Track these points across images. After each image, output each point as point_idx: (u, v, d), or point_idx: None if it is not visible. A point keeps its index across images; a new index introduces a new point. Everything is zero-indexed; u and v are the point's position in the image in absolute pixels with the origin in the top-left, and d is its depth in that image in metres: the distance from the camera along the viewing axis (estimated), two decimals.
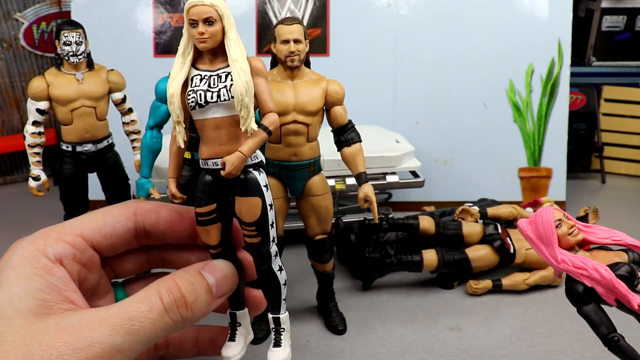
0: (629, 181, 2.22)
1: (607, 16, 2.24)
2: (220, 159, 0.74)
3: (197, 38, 0.72)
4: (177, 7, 1.89)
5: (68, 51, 1.28)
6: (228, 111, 0.74)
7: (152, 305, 0.65)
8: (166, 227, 0.79)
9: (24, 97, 2.13)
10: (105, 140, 1.37)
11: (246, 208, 0.76)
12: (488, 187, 1.90)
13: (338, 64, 1.89)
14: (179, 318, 0.67)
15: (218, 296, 0.73)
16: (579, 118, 2.25)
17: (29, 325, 0.61)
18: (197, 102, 0.73)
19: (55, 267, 0.67)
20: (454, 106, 1.91)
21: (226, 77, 0.74)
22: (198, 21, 0.72)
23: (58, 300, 0.64)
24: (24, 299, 0.62)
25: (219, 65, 0.75)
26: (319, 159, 1.15)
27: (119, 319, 0.62)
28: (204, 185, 0.76)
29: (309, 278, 1.31)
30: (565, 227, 0.80)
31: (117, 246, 0.76)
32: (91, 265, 0.73)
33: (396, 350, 1.15)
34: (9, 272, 0.65)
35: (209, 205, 0.76)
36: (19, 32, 2.11)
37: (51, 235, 0.70)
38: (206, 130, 0.75)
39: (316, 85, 1.09)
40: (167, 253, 0.84)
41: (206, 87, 0.73)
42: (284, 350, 0.81)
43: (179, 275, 0.70)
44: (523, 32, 1.90)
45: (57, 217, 1.42)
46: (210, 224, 0.76)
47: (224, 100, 0.73)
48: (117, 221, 0.75)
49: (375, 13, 1.91)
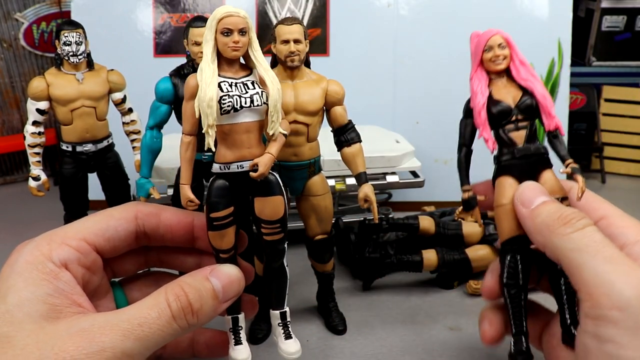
0: (629, 181, 2.22)
1: (607, 16, 2.24)
2: (246, 162, 0.78)
3: (230, 46, 0.76)
4: (177, 7, 1.89)
5: (68, 51, 1.28)
6: (257, 116, 0.78)
7: (160, 312, 0.66)
8: (166, 231, 0.80)
9: (24, 97, 2.13)
10: (105, 140, 1.37)
11: (271, 207, 0.80)
12: None
13: (338, 64, 1.89)
14: (185, 324, 0.68)
15: (224, 301, 0.74)
16: (579, 118, 2.25)
17: (41, 330, 0.62)
18: (233, 106, 0.76)
19: (61, 272, 0.68)
20: (454, 106, 1.89)
21: (253, 85, 0.79)
22: (233, 30, 0.76)
23: (66, 304, 0.66)
24: (34, 303, 0.63)
25: (241, 73, 0.80)
26: (319, 159, 1.15)
27: (130, 325, 0.64)
28: (220, 190, 0.78)
29: (309, 278, 1.31)
30: (491, 54, 0.90)
31: (118, 248, 0.77)
32: (94, 268, 0.74)
33: (396, 350, 1.15)
34: (16, 278, 0.66)
35: (227, 209, 0.78)
36: (19, 32, 2.11)
37: (55, 239, 0.71)
38: (234, 134, 0.78)
39: (316, 85, 1.09)
40: (164, 254, 0.85)
41: (238, 92, 0.77)
42: (295, 341, 0.85)
43: (186, 282, 0.71)
44: (523, 32, 1.90)
45: (57, 217, 1.42)
46: (226, 227, 0.78)
47: (257, 105, 0.77)
48: (119, 224, 0.77)
49: (375, 13, 1.91)
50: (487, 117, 0.89)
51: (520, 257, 0.83)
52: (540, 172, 0.87)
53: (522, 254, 0.83)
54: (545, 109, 0.89)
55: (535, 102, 0.89)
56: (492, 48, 0.90)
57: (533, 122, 0.90)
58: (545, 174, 0.87)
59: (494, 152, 0.91)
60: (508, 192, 0.86)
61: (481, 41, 0.91)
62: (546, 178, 0.86)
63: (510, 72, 0.92)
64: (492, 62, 0.91)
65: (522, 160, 0.87)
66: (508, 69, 0.92)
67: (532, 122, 0.90)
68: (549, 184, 0.85)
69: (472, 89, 0.91)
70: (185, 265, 0.86)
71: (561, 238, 0.71)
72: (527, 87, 0.90)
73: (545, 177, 0.87)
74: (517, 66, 0.92)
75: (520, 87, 0.91)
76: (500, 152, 0.90)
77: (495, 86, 0.92)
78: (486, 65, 0.91)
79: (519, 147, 0.88)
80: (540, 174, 0.87)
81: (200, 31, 1.14)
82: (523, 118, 0.89)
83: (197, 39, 1.14)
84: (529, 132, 0.89)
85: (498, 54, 0.90)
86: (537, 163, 0.88)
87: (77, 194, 1.38)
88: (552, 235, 0.73)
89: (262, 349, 1.15)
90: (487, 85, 0.91)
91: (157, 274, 0.89)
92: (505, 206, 0.85)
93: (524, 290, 0.83)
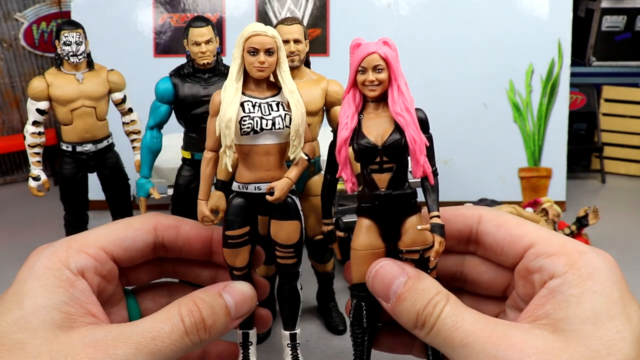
0: (629, 181, 2.22)
1: (607, 16, 2.24)
2: (264, 184, 0.77)
3: (255, 66, 0.74)
4: (177, 7, 1.89)
5: (68, 51, 1.28)
6: (278, 139, 0.77)
7: (173, 327, 0.66)
8: (184, 244, 0.80)
9: (24, 97, 2.14)
10: (105, 140, 1.37)
11: (286, 231, 0.79)
12: (488, 187, 1.90)
13: (338, 64, 1.89)
14: (197, 340, 0.68)
15: (236, 318, 0.75)
16: (579, 118, 2.25)
17: (55, 338, 0.62)
18: (253, 128, 0.74)
19: (77, 280, 0.68)
20: (454, 106, 1.91)
21: (277, 106, 0.76)
22: (260, 50, 0.73)
23: (81, 313, 0.66)
24: (49, 311, 0.63)
25: (267, 93, 0.77)
26: (319, 159, 1.15)
27: (143, 338, 0.64)
28: (237, 208, 0.78)
29: (309, 278, 1.31)
30: (364, 77, 0.74)
31: (135, 259, 0.78)
32: (110, 277, 0.74)
33: None
34: (33, 283, 0.66)
35: (243, 228, 0.78)
36: (19, 32, 2.11)
37: (73, 246, 0.71)
38: (254, 156, 0.77)
39: (316, 85, 1.09)
40: (180, 266, 0.86)
41: (260, 114, 0.75)
42: None
43: (199, 297, 0.71)
44: (523, 32, 1.90)
45: (57, 217, 1.42)
46: (241, 246, 0.78)
47: (279, 128, 0.76)
48: (137, 235, 0.77)
49: (375, 13, 1.91)
50: (347, 155, 0.77)
51: (365, 304, 0.79)
52: (403, 219, 0.78)
53: (367, 300, 0.79)
54: (413, 154, 0.76)
55: (404, 141, 0.75)
56: (366, 70, 0.74)
57: (402, 164, 0.78)
58: (408, 222, 0.77)
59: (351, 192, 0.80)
60: (362, 239, 0.78)
61: (356, 58, 0.75)
62: (408, 226, 0.77)
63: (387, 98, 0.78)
64: (364, 86, 0.76)
65: (381, 207, 0.77)
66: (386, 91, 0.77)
67: (399, 164, 0.77)
68: (410, 236, 0.76)
69: (339, 116, 0.77)
70: (200, 278, 0.86)
71: (426, 339, 0.68)
72: (399, 123, 0.76)
73: (407, 225, 0.77)
74: (394, 94, 0.76)
75: (393, 120, 0.77)
76: (362, 192, 0.79)
77: (367, 114, 0.78)
78: (360, 87, 0.76)
79: (380, 192, 0.77)
80: (403, 221, 0.78)
81: (200, 31, 1.14)
82: (389, 160, 0.77)
83: (197, 39, 1.14)
84: (394, 175, 0.77)
85: (372, 79, 0.74)
86: (399, 210, 0.78)
87: (77, 194, 1.38)
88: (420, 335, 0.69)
89: (263, 348, 1.15)
90: (355, 113, 0.77)
91: (171, 284, 0.89)
92: (358, 252, 0.78)
93: (366, 331, 0.81)
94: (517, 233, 0.74)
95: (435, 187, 0.78)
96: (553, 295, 0.65)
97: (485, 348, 0.62)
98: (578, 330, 0.61)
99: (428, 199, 0.78)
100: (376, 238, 0.78)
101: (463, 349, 0.64)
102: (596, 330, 0.60)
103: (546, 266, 0.68)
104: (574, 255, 0.67)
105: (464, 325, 0.65)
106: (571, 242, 0.70)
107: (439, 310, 0.67)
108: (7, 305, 0.64)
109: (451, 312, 0.67)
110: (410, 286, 0.71)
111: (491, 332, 0.63)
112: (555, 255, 0.68)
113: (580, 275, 0.65)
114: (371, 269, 0.76)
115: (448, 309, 0.67)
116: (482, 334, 0.64)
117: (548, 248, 0.69)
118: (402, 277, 0.72)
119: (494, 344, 0.62)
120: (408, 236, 0.77)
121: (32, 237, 1.65)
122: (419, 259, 0.77)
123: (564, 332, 0.62)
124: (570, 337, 0.61)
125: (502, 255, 0.76)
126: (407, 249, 0.77)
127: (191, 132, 1.20)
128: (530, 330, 0.63)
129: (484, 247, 0.79)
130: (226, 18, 1.91)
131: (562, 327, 0.62)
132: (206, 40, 1.14)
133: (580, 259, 0.66)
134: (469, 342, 0.64)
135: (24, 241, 1.63)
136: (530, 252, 0.72)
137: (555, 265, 0.67)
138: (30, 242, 1.61)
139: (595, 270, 0.65)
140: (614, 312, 0.61)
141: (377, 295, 0.75)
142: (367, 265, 0.77)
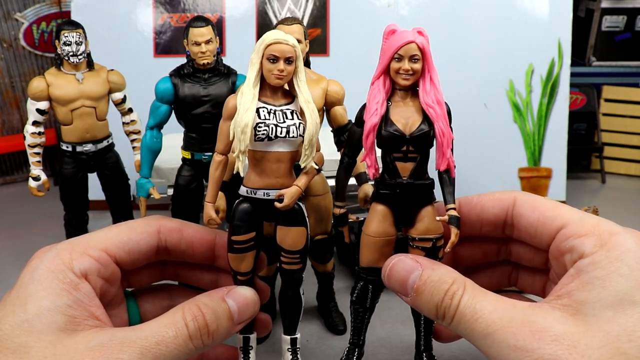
0: (629, 181, 2.22)
1: (607, 16, 2.24)
2: (273, 190, 0.77)
3: (274, 74, 0.74)
4: (177, 7, 1.89)
5: (68, 51, 1.28)
6: (291, 147, 0.77)
7: (178, 332, 0.67)
8: (187, 247, 0.80)
9: (24, 97, 2.13)
10: (105, 140, 1.37)
11: (292, 237, 0.79)
12: (488, 187, 1.90)
13: (338, 64, 1.89)
14: (201, 345, 0.69)
15: (239, 323, 0.75)
16: (579, 118, 2.25)
17: (59, 342, 0.62)
18: (267, 135, 0.75)
19: (81, 283, 0.68)
20: (453, 106, 1.90)
21: (292, 115, 0.77)
22: (280, 58, 0.74)
23: (84, 316, 0.66)
24: (53, 314, 0.63)
25: (281, 100, 0.78)
26: None
27: (147, 343, 0.64)
28: (244, 214, 0.78)
29: (309, 278, 1.31)
30: (400, 66, 0.75)
31: (138, 261, 0.78)
32: (113, 279, 0.74)
33: (396, 350, 1.15)
34: (37, 285, 0.65)
35: (249, 233, 0.78)
36: (19, 32, 2.11)
37: (77, 249, 0.71)
38: (265, 162, 0.77)
39: (316, 85, 1.09)
40: (182, 269, 0.86)
41: (275, 121, 0.75)
42: None
43: (203, 303, 0.72)
44: (523, 32, 1.90)
45: (57, 217, 1.42)
46: (246, 251, 0.78)
47: (292, 137, 0.76)
48: (141, 238, 0.77)
49: (375, 13, 1.91)
50: (374, 141, 0.78)
51: (372, 287, 0.81)
52: (418, 208, 0.79)
53: (374, 284, 0.81)
54: (440, 147, 0.78)
55: (432, 133, 0.78)
56: (402, 58, 0.75)
57: (425, 154, 0.79)
58: (423, 210, 0.79)
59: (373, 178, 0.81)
60: (376, 226, 0.79)
61: (392, 45, 0.75)
62: (423, 215, 0.79)
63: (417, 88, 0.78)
64: (398, 74, 0.76)
65: (401, 195, 0.78)
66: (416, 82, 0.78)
67: (423, 155, 0.79)
68: (424, 224, 0.78)
69: (368, 100, 0.78)
70: (202, 281, 0.86)
71: (450, 328, 0.70)
72: (429, 115, 0.78)
73: (423, 214, 0.79)
74: (426, 85, 0.77)
75: (422, 110, 0.78)
76: (382, 178, 0.80)
77: (395, 101, 0.79)
78: (392, 74, 0.77)
79: (402, 180, 0.78)
80: (419, 210, 0.79)
81: (200, 31, 1.14)
82: (414, 149, 0.78)
83: (197, 39, 1.14)
84: (417, 165, 0.78)
85: (407, 68, 0.75)
86: (417, 199, 0.79)
87: (77, 194, 1.38)
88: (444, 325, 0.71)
89: (262, 348, 1.15)
90: (385, 100, 0.77)
91: (171, 286, 0.89)
92: (370, 238, 0.79)
93: (369, 310, 0.83)
94: (550, 215, 0.75)
95: (453, 180, 0.80)
96: (579, 275, 0.65)
97: (505, 338, 0.63)
98: (599, 315, 0.61)
99: (445, 191, 0.79)
100: (390, 225, 0.80)
101: (484, 340, 0.65)
102: (617, 316, 0.60)
103: (576, 246, 0.68)
104: (605, 236, 0.67)
105: (483, 315, 0.66)
106: (604, 223, 0.70)
107: (456, 301, 0.68)
108: (11, 307, 0.64)
109: (469, 301, 0.68)
110: (426, 278, 0.72)
111: (510, 321, 0.64)
112: (585, 235, 0.68)
113: (608, 257, 0.64)
114: (385, 268, 0.77)
115: (466, 298, 0.68)
116: (501, 323, 0.64)
117: (580, 229, 0.70)
118: (416, 271, 0.73)
119: (513, 333, 0.63)
120: (422, 224, 0.78)
121: (32, 237, 1.65)
122: (430, 247, 0.79)
123: (584, 316, 0.62)
124: (590, 322, 0.61)
125: (536, 237, 0.77)
126: (421, 237, 0.79)
127: (191, 132, 1.20)
128: (550, 313, 0.64)
129: (519, 230, 0.80)
130: (226, 18, 1.91)
131: (583, 311, 0.62)
132: (206, 40, 1.14)
133: (610, 240, 0.66)
134: (489, 332, 0.64)
135: (23, 241, 1.63)
136: (562, 232, 0.72)
137: (585, 245, 0.67)
138: (30, 242, 1.61)
139: (626, 252, 0.64)
140: (638, 297, 0.61)
141: (396, 292, 0.76)
142: (379, 252, 0.78)
